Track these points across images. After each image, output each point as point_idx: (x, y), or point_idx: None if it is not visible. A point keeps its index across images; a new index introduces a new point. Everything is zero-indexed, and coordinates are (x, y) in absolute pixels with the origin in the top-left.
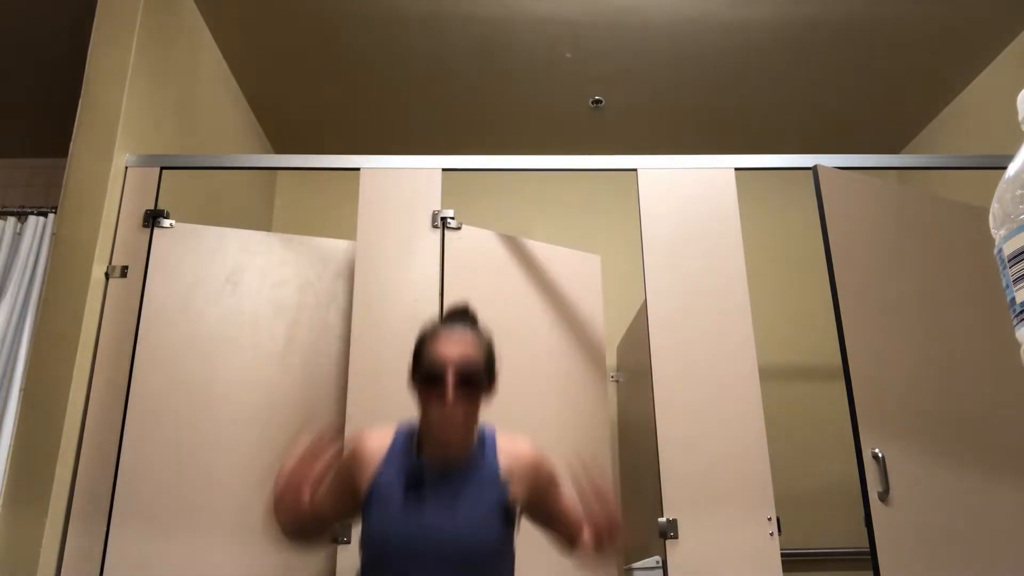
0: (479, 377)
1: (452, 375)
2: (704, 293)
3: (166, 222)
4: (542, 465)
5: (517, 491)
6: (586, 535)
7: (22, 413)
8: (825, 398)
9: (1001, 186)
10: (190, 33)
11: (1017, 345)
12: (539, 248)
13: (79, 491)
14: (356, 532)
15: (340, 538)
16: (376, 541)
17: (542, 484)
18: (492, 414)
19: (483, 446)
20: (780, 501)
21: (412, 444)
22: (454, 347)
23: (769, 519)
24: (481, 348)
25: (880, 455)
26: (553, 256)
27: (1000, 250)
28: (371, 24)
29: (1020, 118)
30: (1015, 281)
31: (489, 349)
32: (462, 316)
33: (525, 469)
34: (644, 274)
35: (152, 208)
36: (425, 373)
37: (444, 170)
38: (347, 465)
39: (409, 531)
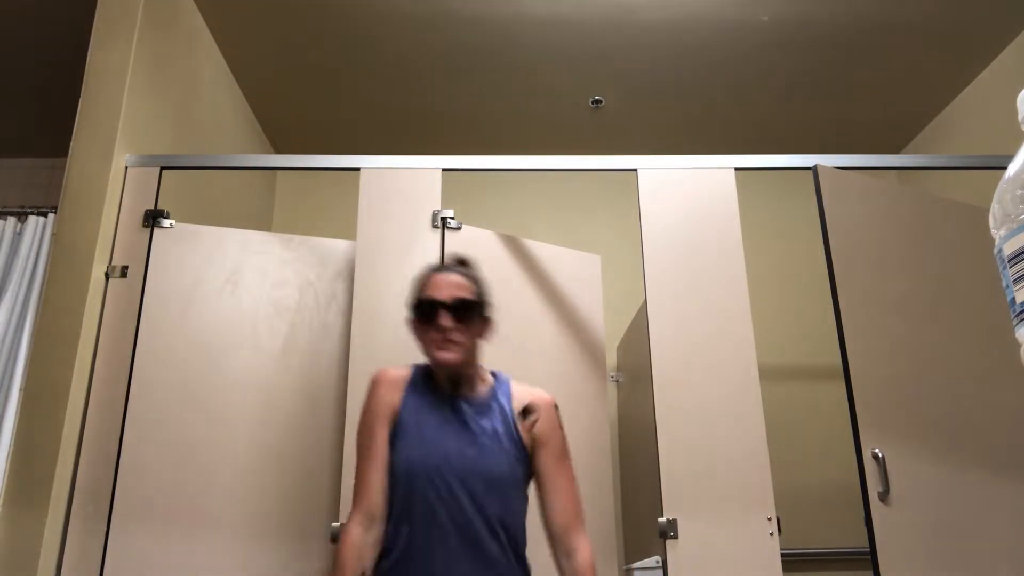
0: (470, 311)
1: (446, 311)
2: (704, 293)
3: (166, 222)
4: (547, 417)
5: (526, 431)
6: (578, 560)
7: (22, 413)
8: (825, 398)
9: (1001, 186)
10: (190, 33)
11: (1017, 345)
12: (539, 248)
13: (79, 491)
14: None
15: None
16: (403, 471)
17: (541, 436)
18: None
19: (498, 387)
20: (780, 501)
21: (429, 379)
22: (445, 287)
23: (769, 519)
24: (472, 285)
25: (880, 455)
26: (553, 256)
27: (1000, 250)
28: (371, 24)
29: (1020, 118)
30: (1015, 281)
31: (480, 286)
32: (456, 262)
33: (534, 412)
34: (644, 274)
35: (152, 208)
36: (419, 312)
37: (444, 170)
38: (378, 409)
39: (433, 458)
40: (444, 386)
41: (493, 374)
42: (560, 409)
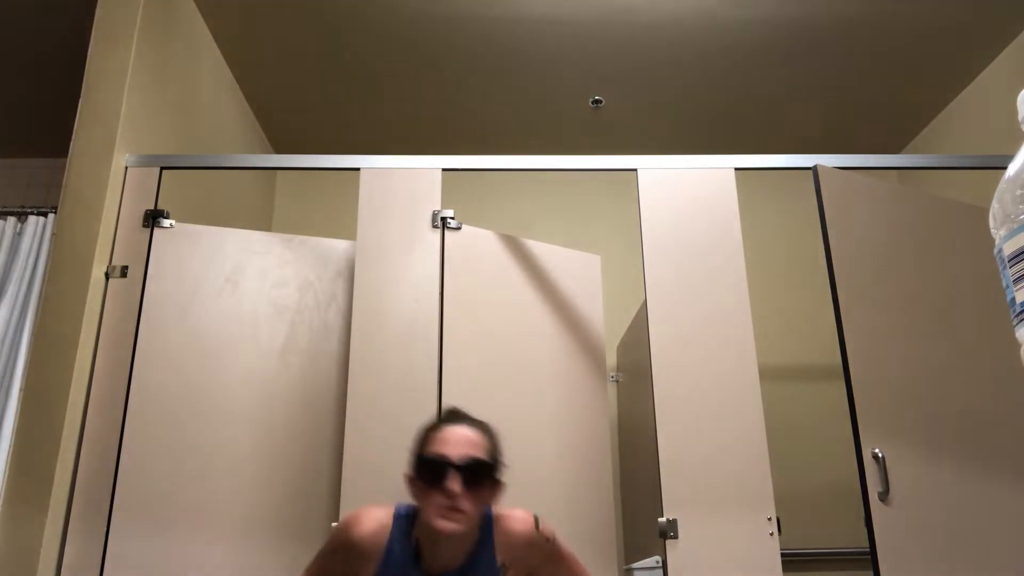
0: (484, 475)
1: (456, 474)
2: (704, 293)
3: (166, 222)
4: (537, 544)
5: None
6: None
7: (22, 413)
8: (825, 398)
9: (1001, 186)
10: (190, 33)
11: (1017, 345)
12: (539, 248)
13: (79, 491)
14: None
15: None
16: None
17: (539, 562)
18: (491, 417)
19: (481, 536)
20: (780, 501)
21: (410, 545)
22: (457, 444)
23: (769, 519)
24: (487, 443)
25: (880, 455)
26: (553, 256)
27: (1000, 250)
28: (371, 24)
29: (1020, 118)
30: (1015, 281)
31: (494, 444)
32: (463, 416)
33: (521, 551)
34: (644, 274)
35: (152, 208)
36: (424, 470)
37: (444, 170)
38: (343, 559)
39: None
40: (429, 557)
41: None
42: (558, 412)
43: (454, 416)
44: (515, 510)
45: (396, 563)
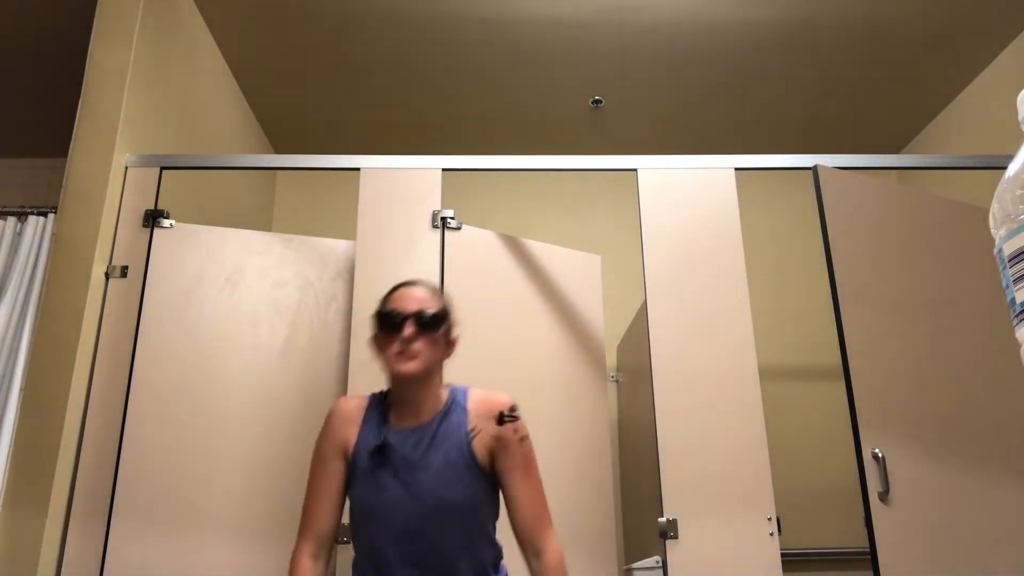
0: (434, 323)
1: (410, 322)
2: (704, 293)
3: (166, 222)
4: (502, 424)
5: (480, 446)
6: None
7: (22, 413)
8: (825, 398)
9: (1001, 186)
10: (190, 33)
11: (1017, 345)
12: (539, 248)
13: (79, 491)
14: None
15: (340, 538)
16: (357, 512)
17: (497, 445)
18: None
19: (452, 404)
20: (780, 501)
21: (384, 410)
22: (410, 300)
23: (769, 519)
24: (437, 301)
25: (880, 455)
26: (553, 256)
27: (1000, 250)
28: (371, 25)
29: (1020, 118)
30: (1015, 281)
31: (444, 303)
32: (415, 280)
33: (485, 423)
34: (644, 274)
35: (152, 208)
36: (383, 322)
37: (444, 170)
38: (331, 432)
39: (382, 498)
40: (398, 416)
41: (452, 391)
42: (559, 411)
43: (407, 282)
44: (500, 392)
45: (373, 424)
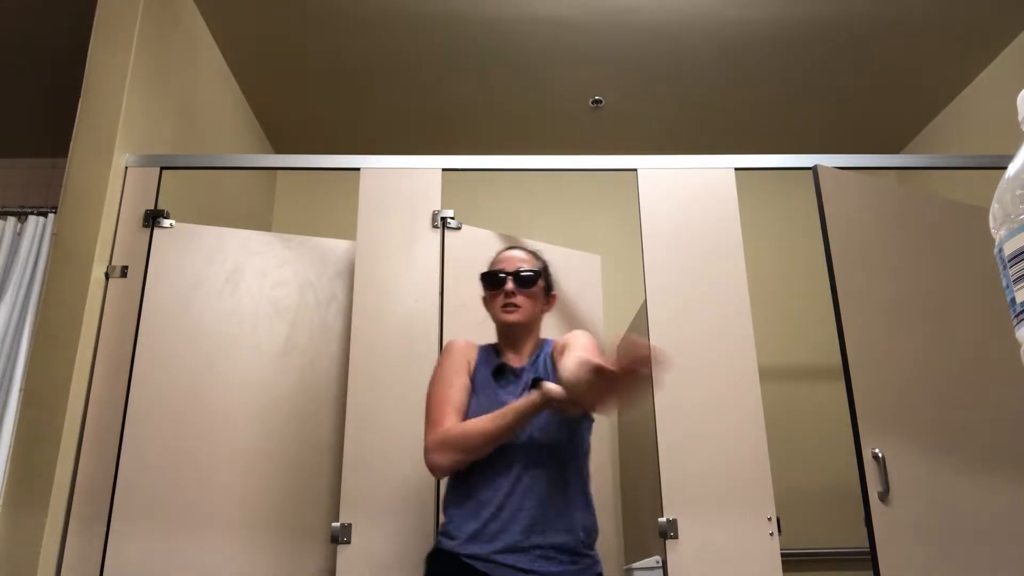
0: (532, 281)
1: (510, 280)
2: (704, 293)
3: (166, 222)
4: (562, 345)
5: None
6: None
7: (22, 413)
8: (825, 398)
9: (1001, 186)
10: (190, 33)
11: (1017, 345)
12: (539, 248)
13: (79, 492)
14: (355, 533)
15: (340, 538)
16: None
17: (562, 345)
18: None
19: (543, 349)
20: (780, 501)
21: (494, 354)
22: (511, 261)
23: (769, 519)
24: (536, 262)
25: (880, 455)
26: (553, 256)
27: (1000, 250)
28: (371, 24)
29: (1020, 118)
30: (1015, 281)
31: (544, 264)
32: (517, 244)
33: (558, 354)
34: (644, 274)
35: (152, 208)
36: (488, 281)
37: (444, 170)
38: (454, 358)
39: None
40: (505, 356)
41: (544, 341)
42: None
43: (510, 246)
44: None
45: (488, 357)
